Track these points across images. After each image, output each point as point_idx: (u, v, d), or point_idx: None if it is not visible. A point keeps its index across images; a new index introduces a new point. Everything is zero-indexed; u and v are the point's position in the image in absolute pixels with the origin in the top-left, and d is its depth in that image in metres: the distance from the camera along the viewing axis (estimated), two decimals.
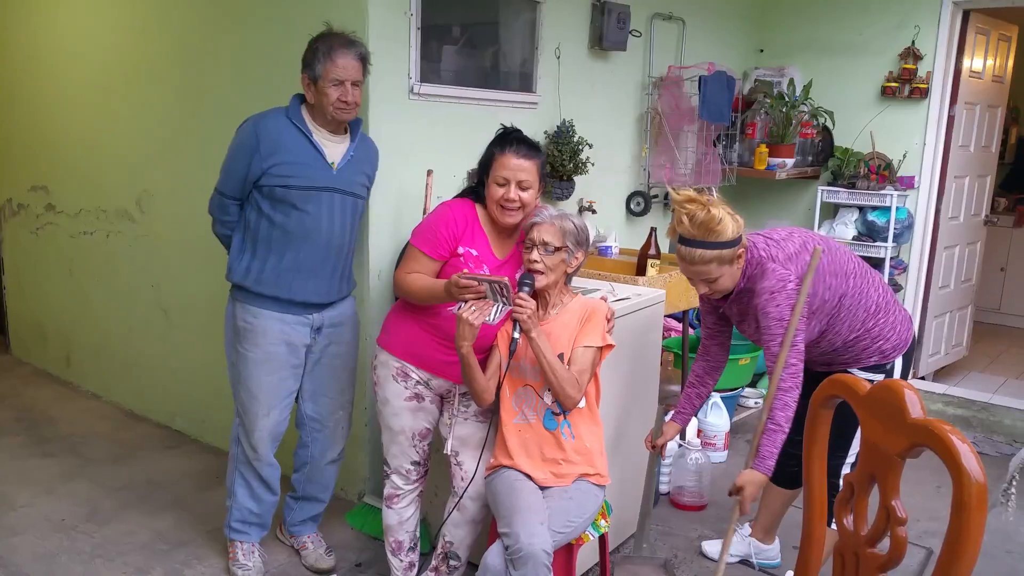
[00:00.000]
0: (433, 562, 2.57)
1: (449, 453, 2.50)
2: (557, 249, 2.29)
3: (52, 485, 3.50)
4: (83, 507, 3.32)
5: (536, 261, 2.28)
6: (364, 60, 2.55)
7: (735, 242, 2.34)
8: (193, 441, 4.00)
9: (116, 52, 4.07)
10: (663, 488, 3.58)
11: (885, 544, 1.42)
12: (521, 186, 2.34)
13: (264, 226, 2.58)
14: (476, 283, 2.18)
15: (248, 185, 2.57)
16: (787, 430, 2.38)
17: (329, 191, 2.57)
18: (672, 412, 2.84)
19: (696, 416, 3.89)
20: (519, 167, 2.34)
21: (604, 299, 2.68)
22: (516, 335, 2.19)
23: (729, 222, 2.32)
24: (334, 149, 2.60)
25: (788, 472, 2.79)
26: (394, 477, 2.57)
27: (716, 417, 3.95)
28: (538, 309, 2.33)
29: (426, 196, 3.14)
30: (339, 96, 2.49)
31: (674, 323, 4.31)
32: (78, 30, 4.31)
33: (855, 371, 2.54)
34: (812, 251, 2.44)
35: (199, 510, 3.31)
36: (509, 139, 2.39)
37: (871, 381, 1.52)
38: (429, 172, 3.16)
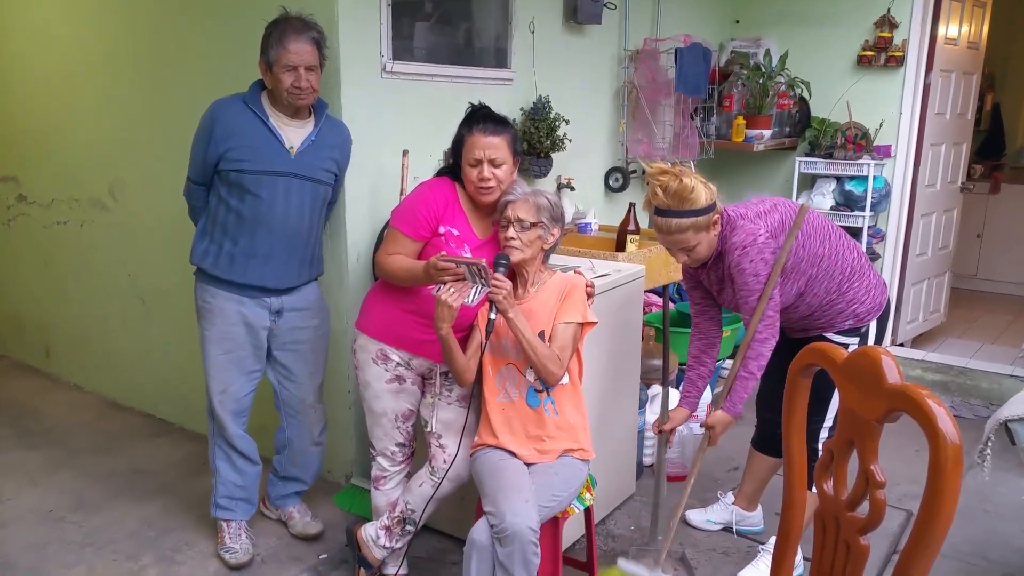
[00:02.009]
0: (386, 521, 2.55)
1: (430, 431, 2.51)
2: (533, 225, 2.29)
3: (37, 477, 3.47)
4: (70, 497, 3.30)
5: (512, 238, 2.28)
6: (319, 44, 2.52)
7: (709, 209, 2.40)
8: (178, 429, 3.98)
9: (81, 39, 3.99)
10: (647, 460, 3.61)
11: (865, 508, 1.44)
12: (494, 163, 2.35)
13: (222, 211, 2.60)
14: (454, 265, 2.18)
15: (209, 170, 2.59)
16: (758, 378, 2.54)
17: (286, 176, 2.55)
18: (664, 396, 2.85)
19: (678, 389, 3.92)
20: (488, 144, 2.34)
21: (578, 271, 2.68)
22: (492, 316, 2.19)
23: (702, 190, 2.38)
24: (294, 134, 2.59)
25: (773, 440, 2.83)
26: (380, 459, 2.58)
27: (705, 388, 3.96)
28: (516, 288, 2.34)
29: (403, 177, 3.12)
30: (292, 82, 2.48)
31: (655, 298, 4.32)
32: (41, 18, 4.22)
33: (831, 335, 2.58)
34: (799, 208, 2.51)
35: (186, 496, 3.30)
36: (476, 117, 2.39)
37: (846, 346, 1.53)
38: (405, 153, 3.14)
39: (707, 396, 3.93)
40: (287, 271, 2.66)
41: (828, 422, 2.61)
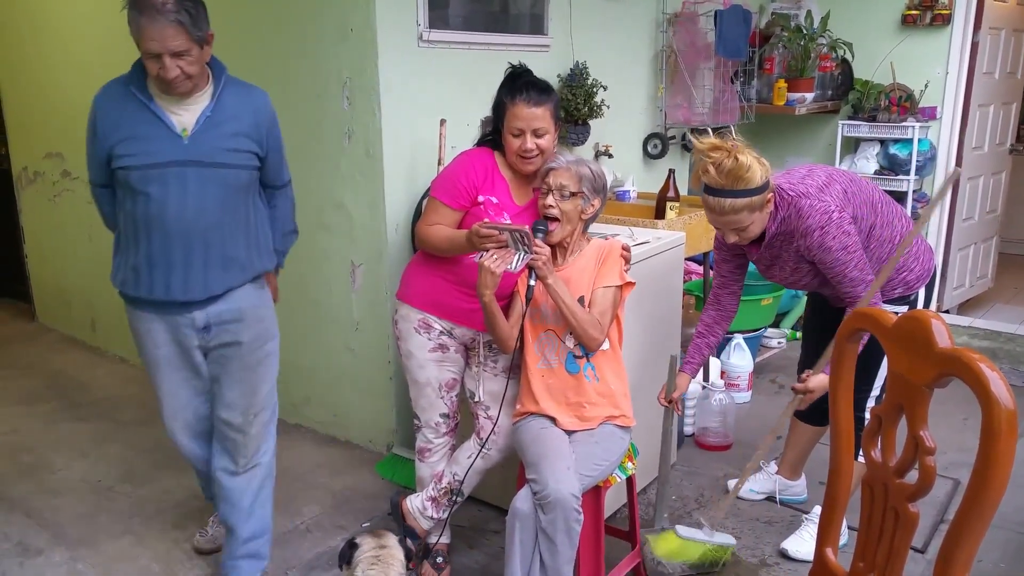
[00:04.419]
0: (433, 492, 2.56)
1: (476, 402, 2.52)
2: (573, 194, 2.27)
3: (86, 448, 3.57)
4: (118, 468, 3.39)
5: (551, 206, 2.26)
6: (185, 23, 2.00)
7: (764, 187, 2.29)
8: None
9: (120, 18, 4.01)
10: (688, 430, 3.60)
11: (913, 475, 1.42)
12: (536, 134, 2.32)
13: (121, 217, 2.24)
14: (497, 232, 2.18)
15: (105, 169, 2.21)
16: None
17: (178, 166, 2.12)
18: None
19: (719, 357, 3.90)
20: (532, 116, 2.31)
21: (616, 238, 2.65)
22: (532, 282, 2.19)
23: (757, 168, 2.26)
24: (185, 114, 2.15)
25: (815, 409, 2.79)
26: (425, 430, 2.59)
27: (739, 358, 3.94)
28: (555, 256, 2.33)
29: (440, 146, 3.11)
30: (159, 72, 2.04)
31: (694, 266, 4.28)
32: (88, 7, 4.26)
33: (880, 303, 2.51)
34: (951, 174, 2.38)
35: None
36: (518, 85, 2.35)
37: (896, 313, 1.50)
38: (442, 122, 3.12)
39: (748, 365, 3.90)
40: (196, 278, 2.21)
41: (875, 391, 2.56)
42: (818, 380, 2.43)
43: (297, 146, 3.33)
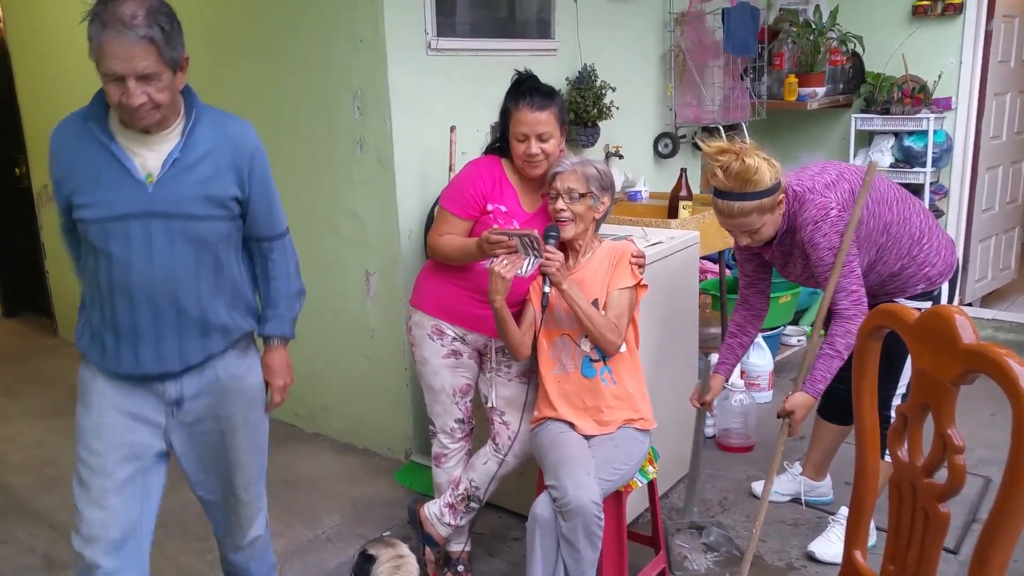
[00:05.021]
0: (450, 499, 2.56)
1: (491, 407, 2.51)
2: (582, 195, 2.26)
3: None
4: None
5: (562, 210, 2.26)
6: (157, 41, 1.66)
7: (773, 189, 2.27)
8: None
9: None
10: (709, 432, 3.56)
11: (942, 474, 1.39)
12: (541, 138, 2.33)
13: (85, 275, 1.90)
14: (507, 238, 2.18)
15: (70, 217, 1.84)
16: (844, 357, 2.35)
17: (142, 218, 1.77)
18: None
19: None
20: (536, 120, 2.31)
21: (630, 239, 2.64)
22: (547, 289, 2.18)
23: (766, 170, 2.25)
24: (150, 156, 1.79)
25: (840, 408, 2.76)
26: (441, 436, 2.58)
27: (759, 357, 3.90)
28: (567, 258, 2.31)
29: (451, 153, 3.11)
30: (121, 97, 1.68)
31: (710, 265, 4.25)
32: None
33: (901, 301, 2.48)
34: (868, 167, 2.37)
35: None
36: (521, 91, 2.35)
37: (919, 310, 1.47)
38: (452, 129, 3.12)
39: (768, 365, 3.87)
40: (169, 349, 1.86)
41: (901, 388, 2.52)
42: (797, 400, 2.40)
43: (310, 156, 3.37)
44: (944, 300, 2.52)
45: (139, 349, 1.85)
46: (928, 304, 2.46)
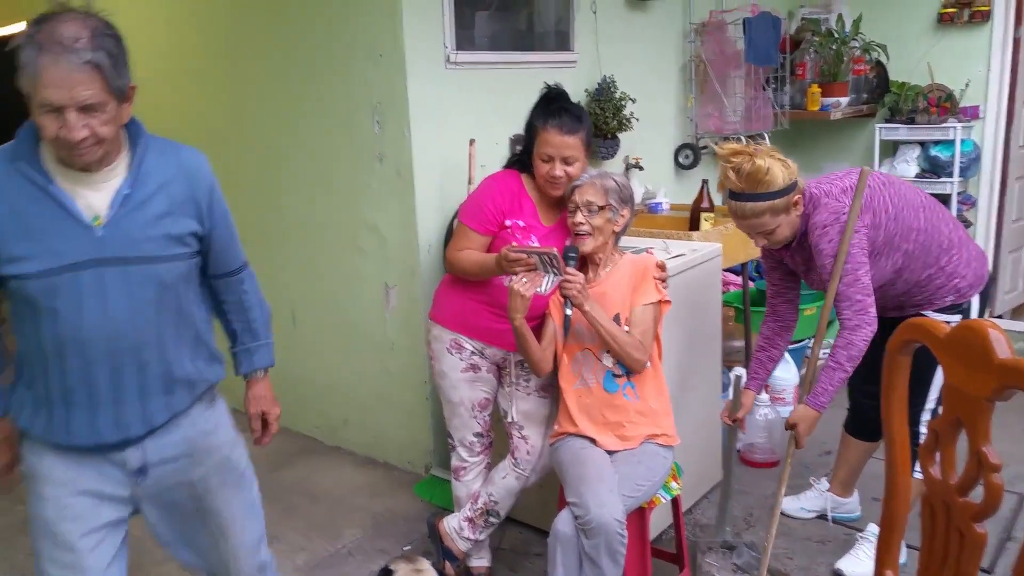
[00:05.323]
0: (469, 513, 2.54)
1: (510, 422, 2.48)
2: (601, 208, 2.24)
3: None
4: None
5: (581, 223, 2.24)
6: (102, 67, 1.47)
7: (787, 190, 2.26)
8: None
9: (161, 40, 4.07)
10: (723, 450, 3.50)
11: (977, 493, 1.34)
12: (566, 161, 2.31)
13: (21, 340, 1.67)
14: (526, 256, 2.16)
15: None
16: (848, 370, 2.32)
17: (93, 266, 1.57)
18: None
19: None
20: (563, 144, 2.29)
21: (650, 251, 2.61)
22: (568, 311, 2.15)
23: (778, 170, 2.24)
24: (95, 196, 1.58)
25: (866, 424, 2.70)
26: (459, 450, 2.57)
27: (784, 371, 3.84)
28: (588, 272, 2.29)
29: (470, 166, 3.10)
30: (59, 131, 1.47)
31: (732, 277, 4.20)
32: (123, 20, 4.32)
33: (929, 313, 2.43)
34: (860, 173, 2.33)
35: (272, 489, 3.27)
36: (552, 110, 2.32)
37: (948, 323, 1.43)
38: (471, 142, 3.12)
39: (793, 378, 3.81)
40: (130, 412, 1.66)
41: (930, 403, 2.46)
42: (800, 413, 2.38)
43: (330, 170, 3.39)
44: (975, 314, 2.46)
45: (95, 416, 1.64)
46: (958, 317, 2.41)
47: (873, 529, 2.69)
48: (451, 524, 2.56)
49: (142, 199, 1.61)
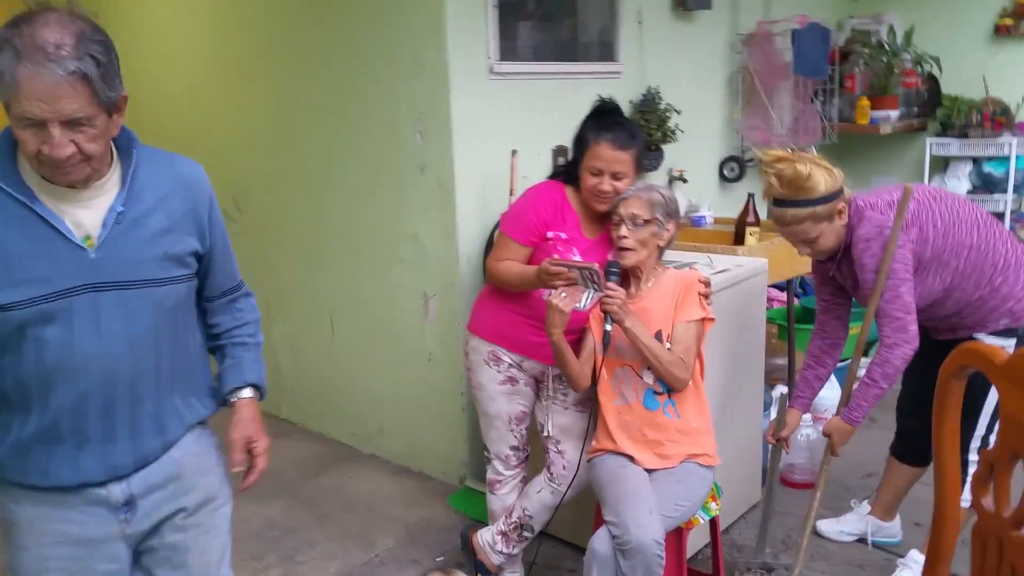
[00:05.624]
0: (503, 527, 2.51)
1: (546, 436, 2.46)
2: (647, 222, 2.21)
3: None
4: None
5: (625, 237, 2.21)
6: (91, 78, 1.30)
7: (830, 197, 2.24)
8: (300, 428, 4.07)
9: (208, 51, 4.16)
10: (768, 469, 3.44)
11: None
12: (615, 176, 2.28)
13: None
14: (566, 269, 2.14)
15: None
16: (884, 387, 2.30)
17: (87, 291, 1.41)
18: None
19: None
20: (615, 159, 2.26)
21: (693, 267, 2.58)
22: (608, 327, 2.12)
23: (821, 176, 2.22)
24: (86, 213, 1.42)
25: (915, 449, 2.64)
26: (495, 463, 2.55)
27: (827, 390, 3.74)
28: (630, 287, 2.26)
29: (512, 177, 3.09)
30: (41, 147, 1.31)
31: (776, 293, 4.13)
32: (172, 31, 4.41)
33: (982, 336, 2.35)
34: (904, 190, 2.29)
35: (307, 496, 3.38)
36: (606, 124, 2.30)
37: (1005, 348, 1.38)
38: (514, 152, 3.11)
39: (836, 396, 3.72)
40: (120, 451, 1.51)
41: (980, 430, 2.38)
42: (833, 424, 2.39)
43: (372, 180, 3.41)
44: None
45: (80, 456, 1.48)
46: (1013, 341, 2.33)
47: (914, 555, 2.62)
48: (484, 538, 2.54)
49: (138, 216, 1.46)
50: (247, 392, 1.70)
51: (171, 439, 1.59)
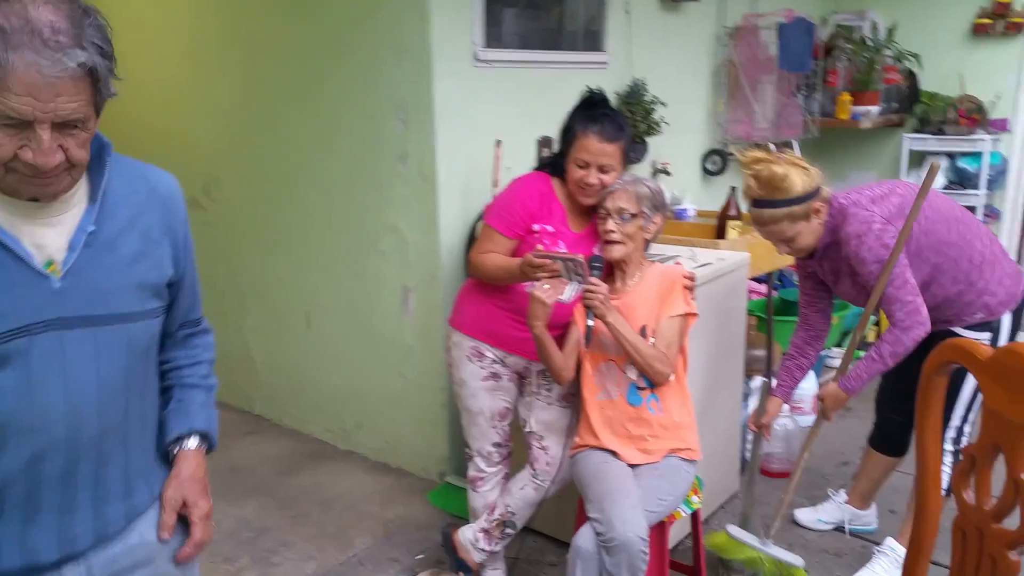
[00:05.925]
0: (485, 524, 2.50)
1: (529, 432, 2.45)
2: (634, 216, 2.20)
3: None
4: None
5: (612, 231, 2.20)
6: (98, 72, 1.11)
7: (806, 197, 2.26)
8: (273, 425, 3.99)
9: (181, 32, 4.06)
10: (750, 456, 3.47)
11: (1012, 520, 1.31)
12: (602, 169, 2.25)
13: None
14: (550, 261, 2.12)
15: None
16: (889, 364, 2.33)
17: (50, 329, 1.16)
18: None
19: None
20: (602, 151, 2.23)
21: (678, 262, 2.58)
22: (590, 322, 2.11)
23: (797, 177, 2.24)
24: (49, 234, 1.17)
25: (893, 440, 2.67)
26: (477, 459, 2.52)
27: (804, 381, 3.79)
28: (614, 281, 2.25)
29: (495, 168, 3.06)
30: (20, 151, 1.08)
31: (755, 285, 4.16)
32: (144, 13, 4.32)
33: (958, 329, 2.39)
34: (930, 168, 2.30)
35: (282, 495, 3.31)
36: (595, 115, 2.27)
37: (979, 340, 1.40)
38: (498, 143, 3.08)
39: (812, 387, 3.77)
40: (79, 522, 1.25)
41: (955, 421, 2.43)
42: (830, 389, 2.43)
43: (352, 169, 3.34)
44: (1005, 331, 2.41)
45: (29, 530, 1.20)
46: (987, 335, 2.37)
47: (890, 543, 2.66)
48: (466, 535, 2.52)
49: (110, 237, 1.21)
50: (192, 442, 1.42)
51: (137, 506, 1.33)
